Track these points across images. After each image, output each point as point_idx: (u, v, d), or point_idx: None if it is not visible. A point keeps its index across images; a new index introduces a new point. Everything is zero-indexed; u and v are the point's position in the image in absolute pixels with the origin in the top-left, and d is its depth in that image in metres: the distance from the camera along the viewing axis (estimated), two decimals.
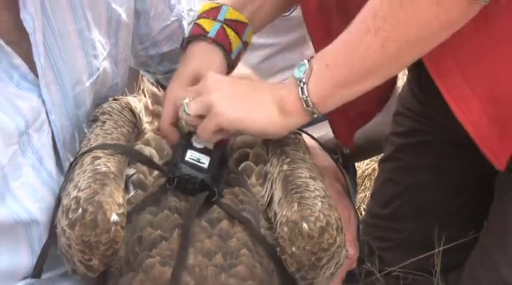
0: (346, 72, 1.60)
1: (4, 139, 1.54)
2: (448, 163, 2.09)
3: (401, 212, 2.19)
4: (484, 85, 1.69)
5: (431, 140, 2.10)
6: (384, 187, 2.29)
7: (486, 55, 1.67)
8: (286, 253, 1.50)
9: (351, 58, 1.59)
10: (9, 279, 1.61)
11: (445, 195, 2.13)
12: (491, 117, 1.70)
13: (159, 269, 1.50)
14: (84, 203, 1.48)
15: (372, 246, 2.16)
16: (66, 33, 1.66)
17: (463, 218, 2.10)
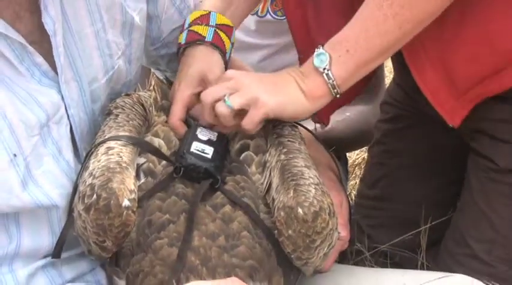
0: (367, 55, 1.67)
1: (27, 131, 1.54)
2: (429, 147, 2.11)
3: (387, 192, 2.20)
4: (437, 52, 1.76)
5: (413, 125, 2.11)
6: (371, 169, 2.30)
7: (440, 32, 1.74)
8: (283, 236, 1.52)
9: (372, 42, 1.66)
10: (32, 257, 1.61)
11: (426, 176, 2.14)
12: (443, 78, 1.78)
13: (167, 249, 1.51)
14: (99, 190, 1.49)
15: (361, 225, 2.16)
16: (84, 35, 1.66)
17: (443, 198, 2.11)
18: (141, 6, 1.79)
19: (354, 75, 1.68)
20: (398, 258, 2.11)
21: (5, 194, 1.54)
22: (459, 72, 1.77)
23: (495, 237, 1.89)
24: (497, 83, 1.78)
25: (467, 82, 1.78)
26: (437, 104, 1.79)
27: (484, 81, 1.78)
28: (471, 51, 1.75)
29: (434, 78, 1.78)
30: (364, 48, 1.67)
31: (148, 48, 1.91)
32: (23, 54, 1.56)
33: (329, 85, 1.65)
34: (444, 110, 1.80)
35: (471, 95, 1.79)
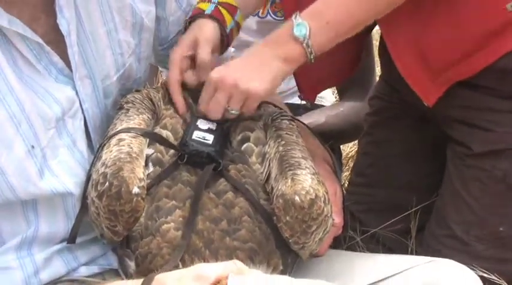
0: (348, 25, 1.69)
1: (44, 124, 1.55)
2: (413, 137, 2.11)
3: (374, 179, 2.21)
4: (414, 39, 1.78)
5: (398, 116, 2.12)
6: (360, 158, 2.32)
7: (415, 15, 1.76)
8: (281, 221, 1.53)
9: (352, 13, 1.67)
10: (49, 242, 1.62)
11: (410, 164, 2.15)
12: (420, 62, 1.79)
13: (173, 233, 1.52)
14: (110, 178, 1.50)
15: (352, 211, 2.17)
16: (97, 35, 1.66)
17: (427, 184, 2.11)
18: (150, 9, 1.79)
19: (331, 43, 1.69)
20: (389, 244, 2.12)
21: (23, 183, 1.54)
22: (433, 54, 1.80)
23: (472, 219, 1.91)
24: (468, 67, 1.80)
25: (440, 65, 1.81)
26: (414, 84, 1.82)
27: (455, 65, 1.80)
28: (444, 35, 1.78)
29: (411, 61, 1.80)
30: (345, 19, 1.68)
31: (156, 47, 1.91)
32: (41, 54, 1.56)
33: (307, 52, 1.65)
34: (420, 90, 1.82)
35: (444, 77, 1.82)
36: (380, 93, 2.23)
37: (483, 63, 1.78)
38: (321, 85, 2.07)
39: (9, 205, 1.57)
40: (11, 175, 1.53)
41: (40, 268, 1.60)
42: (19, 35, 1.52)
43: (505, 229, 1.88)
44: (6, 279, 1.58)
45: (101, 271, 1.69)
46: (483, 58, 1.78)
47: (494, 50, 1.77)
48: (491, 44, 1.77)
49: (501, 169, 1.86)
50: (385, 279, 1.69)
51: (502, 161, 1.86)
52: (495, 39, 1.76)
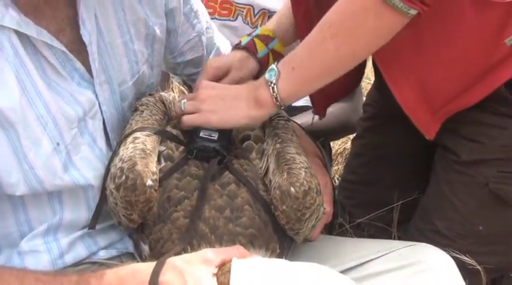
0: (308, 72, 1.63)
1: (67, 124, 1.55)
2: (402, 142, 2.10)
3: (365, 178, 2.20)
4: (415, 76, 1.73)
5: (389, 123, 2.11)
6: (353, 159, 2.30)
7: (415, 54, 1.71)
8: (278, 210, 1.54)
9: (313, 61, 1.62)
10: (72, 229, 1.63)
11: (398, 166, 2.14)
12: (420, 98, 1.75)
13: (182, 220, 1.53)
14: (127, 172, 1.51)
15: (343, 204, 2.17)
16: (114, 45, 1.67)
17: (411, 184, 2.10)
18: (161, 21, 1.79)
19: (298, 91, 1.66)
20: (373, 231, 2.12)
21: (50, 176, 1.54)
22: (434, 92, 1.77)
23: (455, 217, 1.90)
24: (466, 99, 1.78)
25: (441, 101, 1.78)
26: (416, 121, 1.79)
27: (455, 99, 1.78)
28: (445, 73, 1.75)
29: (412, 98, 1.77)
30: (307, 67, 1.63)
31: (167, 56, 1.91)
32: (65, 61, 1.56)
33: (273, 97, 1.62)
34: (421, 126, 1.80)
35: (444, 111, 1.80)
36: (372, 101, 2.22)
37: (481, 94, 1.77)
38: (331, 99, 2.06)
39: (37, 196, 1.57)
40: (39, 169, 1.52)
41: (64, 252, 1.61)
42: (46, 45, 1.52)
43: (483, 228, 1.88)
44: (35, 261, 1.58)
45: (118, 254, 1.69)
46: (481, 91, 1.76)
47: (492, 82, 1.75)
48: (489, 77, 1.75)
49: (485, 176, 1.85)
50: (371, 260, 1.70)
51: (486, 169, 1.85)
52: (493, 72, 1.74)
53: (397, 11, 1.52)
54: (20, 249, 1.59)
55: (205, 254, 1.42)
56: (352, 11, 1.56)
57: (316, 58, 1.62)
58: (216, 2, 2.45)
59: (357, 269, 1.70)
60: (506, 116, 1.80)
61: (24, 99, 1.50)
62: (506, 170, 1.84)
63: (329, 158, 2.70)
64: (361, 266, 1.70)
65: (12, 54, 1.48)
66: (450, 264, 1.70)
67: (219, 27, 2.07)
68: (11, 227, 1.59)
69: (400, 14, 1.52)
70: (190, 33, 1.90)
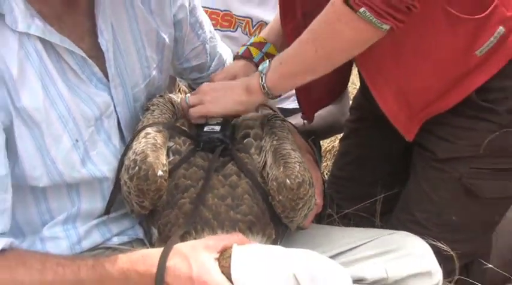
0: (292, 68, 1.68)
1: (85, 122, 1.57)
2: (385, 142, 2.10)
3: (352, 174, 2.20)
4: (396, 84, 1.74)
5: (373, 125, 2.11)
6: (340, 157, 2.30)
7: (395, 63, 1.71)
8: (275, 200, 1.55)
9: (296, 59, 1.67)
10: (89, 217, 1.64)
11: (381, 163, 2.14)
12: (400, 104, 1.76)
13: (188, 206, 1.55)
14: (140, 163, 1.52)
15: (332, 196, 2.16)
16: (128, 52, 1.68)
17: (393, 178, 2.10)
18: (170, 31, 1.79)
19: (282, 83, 1.70)
20: (359, 221, 2.12)
21: (69, 169, 1.55)
22: (413, 98, 1.78)
23: (432, 209, 1.91)
24: (442, 104, 1.80)
25: (420, 107, 1.79)
26: (397, 124, 1.80)
27: (432, 104, 1.79)
28: (423, 82, 1.75)
29: (394, 105, 1.77)
30: (291, 63, 1.68)
31: (174, 62, 1.91)
32: (84, 66, 1.57)
33: (261, 85, 1.68)
34: (402, 129, 1.81)
35: (421, 115, 1.81)
36: (358, 105, 2.21)
37: (455, 100, 1.78)
38: (319, 105, 2.07)
39: (57, 188, 1.58)
40: (60, 163, 1.54)
41: (82, 238, 1.63)
42: (68, 51, 1.53)
43: (457, 218, 1.89)
44: (55, 246, 1.59)
45: (129, 240, 1.70)
46: (455, 97, 1.77)
47: (465, 88, 1.76)
48: (461, 84, 1.75)
49: (458, 171, 1.85)
50: (356, 247, 1.72)
51: (459, 165, 1.85)
52: (465, 80, 1.75)
53: (371, 25, 1.54)
54: (42, 236, 1.60)
55: (208, 241, 1.43)
56: (330, 21, 1.60)
57: (298, 57, 1.67)
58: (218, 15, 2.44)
59: (344, 254, 1.71)
60: (475, 118, 1.81)
61: (47, 100, 1.51)
62: (477, 167, 1.85)
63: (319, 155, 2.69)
64: (348, 252, 1.71)
65: (37, 60, 1.49)
66: (427, 251, 1.72)
67: (221, 37, 2.07)
68: (33, 216, 1.60)
69: (374, 28, 1.55)
70: (196, 42, 1.90)
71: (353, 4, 1.54)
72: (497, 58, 1.74)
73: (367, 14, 1.53)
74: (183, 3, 1.80)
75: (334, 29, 1.60)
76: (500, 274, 2.00)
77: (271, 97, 1.71)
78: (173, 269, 1.37)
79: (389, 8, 1.53)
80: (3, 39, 1.46)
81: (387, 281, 1.65)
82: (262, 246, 1.44)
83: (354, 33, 1.58)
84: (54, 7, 1.53)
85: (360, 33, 1.58)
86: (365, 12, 1.53)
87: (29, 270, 1.42)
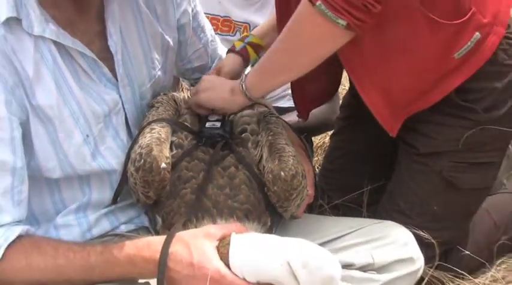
0: (267, 68, 1.68)
1: (95, 119, 1.58)
2: (371, 137, 2.09)
3: (341, 167, 2.19)
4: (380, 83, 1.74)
5: (361, 122, 2.08)
6: (331, 151, 2.29)
7: (380, 64, 1.71)
8: (270, 190, 1.56)
9: (270, 59, 1.67)
10: (98, 207, 1.65)
11: (368, 157, 2.14)
12: (385, 102, 1.76)
13: (189, 196, 1.55)
14: (145, 156, 1.53)
15: (323, 188, 2.17)
16: (135, 54, 1.68)
17: (380, 171, 2.10)
18: (174, 35, 1.80)
19: (259, 83, 1.69)
20: (348, 211, 2.11)
21: (80, 162, 1.57)
22: (396, 97, 1.77)
23: (415, 200, 1.91)
24: (423, 103, 1.80)
25: (402, 105, 1.79)
26: (381, 121, 1.80)
27: (413, 103, 1.79)
28: (405, 82, 1.75)
29: (379, 103, 1.77)
30: (266, 65, 1.68)
31: (178, 63, 1.92)
32: (95, 67, 1.58)
33: (241, 86, 1.68)
34: (386, 125, 1.81)
35: (404, 112, 1.81)
36: (347, 104, 2.19)
37: (435, 98, 1.78)
38: (312, 105, 2.06)
39: (69, 179, 1.60)
40: (72, 157, 1.55)
41: (92, 226, 1.64)
42: (79, 53, 1.54)
43: (438, 208, 1.90)
44: (67, 233, 1.60)
45: (136, 228, 1.71)
46: (435, 95, 1.77)
47: (444, 88, 1.76)
48: (441, 84, 1.76)
49: (439, 165, 1.86)
50: (345, 235, 1.72)
51: (440, 160, 1.86)
52: (445, 80, 1.75)
53: (328, 20, 1.52)
54: (56, 224, 1.61)
55: (208, 229, 1.44)
56: (295, 18, 1.59)
57: (272, 57, 1.66)
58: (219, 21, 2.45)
59: (334, 241, 1.72)
60: (456, 117, 1.82)
61: (60, 99, 1.52)
62: (456, 161, 1.86)
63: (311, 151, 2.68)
64: (337, 239, 1.72)
65: (51, 61, 1.51)
66: (410, 239, 1.73)
67: (221, 40, 2.08)
68: (48, 205, 1.61)
69: (331, 23, 1.52)
70: (197, 45, 1.90)
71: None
72: (473, 61, 1.75)
73: (322, 7, 1.50)
74: (186, 9, 1.81)
75: (299, 27, 1.58)
76: (476, 260, 2.01)
77: (251, 98, 1.70)
78: (175, 255, 1.37)
79: (345, 4, 1.50)
80: (20, 42, 1.47)
81: (373, 266, 1.67)
82: (259, 235, 1.44)
83: (313, 28, 1.55)
84: (67, 12, 1.54)
85: (319, 28, 1.54)
86: (321, 5, 1.50)
87: (43, 255, 1.42)
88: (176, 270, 1.37)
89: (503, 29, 1.77)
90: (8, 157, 1.44)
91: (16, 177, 1.46)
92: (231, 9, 2.42)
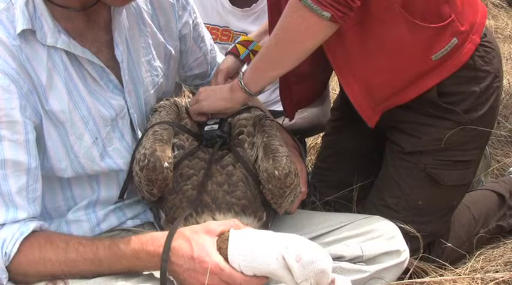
0: (262, 63, 1.66)
1: (103, 122, 1.58)
2: (360, 137, 2.09)
3: (332, 165, 2.18)
4: (361, 78, 1.74)
5: (350, 124, 2.09)
6: (323, 151, 2.28)
7: (362, 60, 1.72)
8: (265, 188, 1.56)
9: (264, 54, 1.65)
10: (107, 203, 1.66)
11: (357, 156, 2.13)
12: (364, 95, 1.76)
13: (190, 192, 1.56)
14: (148, 156, 1.53)
15: (315, 185, 2.16)
16: (140, 62, 1.68)
17: (368, 169, 2.09)
18: (176, 44, 1.80)
19: (255, 78, 1.67)
20: (338, 207, 2.11)
21: (90, 163, 1.57)
22: (376, 90, 1.78)
23: (401, 195, 1.91)
24: (400, 98, 1.80)
25: (381, 97, 1.80)
26: (361, 113, 1.80)
27: (391, 97, 1.80)
28: (385, 77, 1.75)
29: (360, 96, 1.78)
30: (261, 59, 1.66)
31: (179, 71, 1.92)
32: (103, 74, 1.58)
33: (239, 82, 1.67)
34: (365, 117, 1.81)
35: (382, 106, 1.81)
36: (338, 106, 2.19)
37: (412, 95, 1.78)
38: (299, 106, 2.05)
39: (80, 178, 1.60)
40: (82, 158, 1.56)
41: (101, 221, 1.64)
42: (88, 61, 1.55)
43: (422, 203, 1.89)
44: (78, 228, 1.61)
45: (141, 223, 1.71)
46: (412, 92, 1.78)
47: (420, 86, 1.77)
48: (418, 82, 1.76)
49: (423, 163, 1.86)
50: (336, 229, 1.73)
51: (424, 157, 1.86)
52: (421, 79, 1.76)
53: (313, 12, 1.52)
54: (67, 219, 1.62)
55: (208, 225, 1.44)
56: (285, 13, 1.58)
57: (266, 52, 1.65)
58: (218, 31, 2.45)
59: (326, 235, 1.72)
60: (437, 117, 1.83)
61: (71, 104, 1.53)
62: (439, 159, 1.86)
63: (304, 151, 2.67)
64: (329, 233, 1.72)
65: (62, 69, 1.52)
66: (397, 232, 1.74)
67: (220, 49, 2.08)
68: (60, 202, 1.62)
69: (316, 15, 1.53)
70: (198, 53, 1.90)
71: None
72: (449, 64, 1.76)
73: (308, 2, 1.51)
74: (187, 20, 1.81)
75: (288, 21, 1.58)
76: (457, 252, 2.02)
77: (250, 93, 1.69)
78: (177, 250, 1.38)
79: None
80: (34, 51, 1.48)
81: (362, 258, 1.67)
82: (256, 231, 1.43)
83: (300, 21, 1.55)
84: (77, 24, 1.54)
85: (306, 21, 1.55)
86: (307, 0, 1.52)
87: (55, 249, 1.43)
88: (178, 263, 1.38)
89: (478, 37, 1.79)
90: (23, 158, 1.45)
91: (31, 176, 1.47)
92: (230, 19, 2.42)
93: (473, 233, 2.11)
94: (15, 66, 1.44)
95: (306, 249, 1.32)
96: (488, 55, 1.82)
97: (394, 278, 1.72)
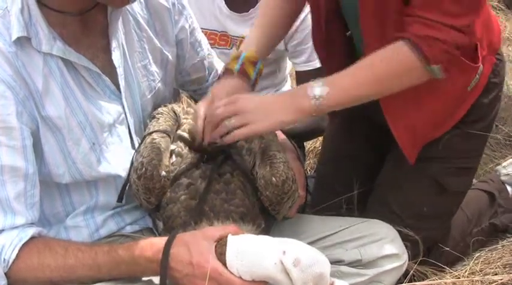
0: (356, 93, 1.57)
1: (101, 128, 1.57)
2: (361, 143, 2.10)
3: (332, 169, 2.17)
4: (408, 121, 1.76)
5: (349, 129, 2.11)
6: (323, 155, 2.28)
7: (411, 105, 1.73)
8: (263, 195, 1.55)
9: (361, 85, 1.56)
10: (105, 209, 1.64)
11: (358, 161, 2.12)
12: (409, 136, 1.78)
13: (188, 201, 1.55)
14: (146, 165, 1.52)
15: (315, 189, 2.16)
16: (137, 67, 1.67)
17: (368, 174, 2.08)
18: (172, 49, 1.79)
19: (341, 106, 1.59)
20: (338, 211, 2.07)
21: (87, 168, 1.56)
22: (419, 132, 1.80)
23: (407, 202, 1.91)
24: (437, 132, 1.83)
25: (422, 137, 1.82)
26: (404, 152, 1.81)
27: (430, 133, 1.82)
28: (429, 118, 1.78)
29: (405, 138, 1.79)
30: (356, 88, 1.56)
31: (177, 76, 1.90)
32: (99, 80, 1.58)
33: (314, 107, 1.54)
34: (407, 154, 1.81)
35: (421, 142, 1.83)
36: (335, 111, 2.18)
37: (447, 128, 1.81)
38: None
39: (78, 184, 1.59)
40: (79, 163, 1.55)
41: (99, 227, 1.63)
42: (85, 68, 1.54)
43: (427, 209, 1.90)
44: (77, 234, 1.60)
45: (140, 229, 1.70)
46: (448, 125, 1.81)
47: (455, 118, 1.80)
48: (453, 115, 1.80)
49: (431, 170, 1.87)
50: (335, 233, 1.72)
51: (431, 165, 1.87)
52: (456, 111, 1.79)
53: (433, 74, 1.55)
54: (66, 225, 1.60)
55: (206, 231, 1.43)
56: (399, 67, 1.54)
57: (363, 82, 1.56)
58: (216, 35, 2.44)
59: (325, 239, 1.71)
60: None
61: (68, 110, 1.52)
62: (446, 166, 1.88)
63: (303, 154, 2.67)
64: (328, 237, 1.72)
65: (59, 75, 1.51)
66: (395, 236, 1.73)
67: (218, 54, 2.07)
68: (58, 208, 1.61)
69: (433, 76, 1.55)
70: (195, 58, 1.89)
71: (431, 61, 1.51)
72: (476, 89, 1.78)
73: (436, 71, 1.53)
74: (183, 25, 1.80)
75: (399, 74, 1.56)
76: (453, 254, 2.03)
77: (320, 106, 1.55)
78: (176, 255, 1.37)
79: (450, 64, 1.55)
80: (30, 58, 1.47)
81: (361, 262, 1.67)
82: (254, 236, 1.43)
83: (416, 80, 1.57)
84: (72, 30, 1.54)
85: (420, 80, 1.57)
86: (437, 69, 1.53)
87: (54, 255, 1.43)
88: (177, 269, 1.37)
89: (494, 56, 1.81)
90: (21, 164, 1.44)
91: (28, 182, 1.46)
92: (228, 24, 2.42)
93: (468, 232, 2.12)
94: (11, 72, 1.43)
95: (304, 254, 1.32)
96: (497, 68, 1.84)
97: (393, 281, 1.71)
